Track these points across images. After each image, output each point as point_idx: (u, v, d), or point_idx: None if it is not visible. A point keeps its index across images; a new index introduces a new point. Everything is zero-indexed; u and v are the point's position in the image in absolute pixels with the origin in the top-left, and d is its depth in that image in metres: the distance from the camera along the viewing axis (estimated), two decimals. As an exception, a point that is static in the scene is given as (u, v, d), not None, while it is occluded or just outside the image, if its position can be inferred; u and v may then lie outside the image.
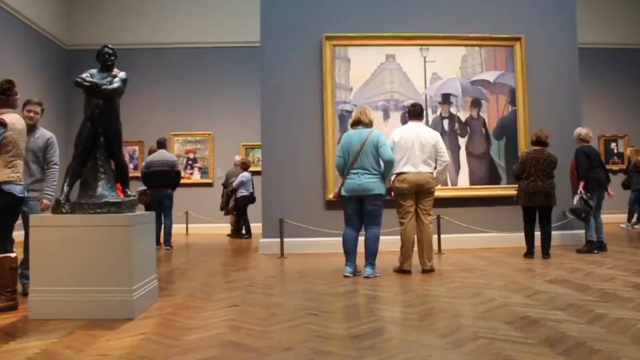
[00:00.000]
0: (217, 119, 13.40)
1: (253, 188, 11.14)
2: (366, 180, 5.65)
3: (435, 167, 6.11)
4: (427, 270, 5.95)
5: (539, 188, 7.00)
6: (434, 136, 6.13)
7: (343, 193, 5.76)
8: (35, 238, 4.06)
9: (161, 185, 9.16)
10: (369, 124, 5.84)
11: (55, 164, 5.20)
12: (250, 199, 11.11)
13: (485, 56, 8.67)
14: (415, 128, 6.12)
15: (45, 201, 5.04)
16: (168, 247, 9.26)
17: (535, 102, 8.61)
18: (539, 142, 7.19)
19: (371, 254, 5.75)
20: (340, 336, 3.42)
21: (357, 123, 5.87)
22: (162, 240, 9.31)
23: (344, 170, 5.78)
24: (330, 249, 7.79)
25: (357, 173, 5.68)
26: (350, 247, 5.80)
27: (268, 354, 3.07)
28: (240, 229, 11.28)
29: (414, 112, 6.26)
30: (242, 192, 10.97)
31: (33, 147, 5.06)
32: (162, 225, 9.29)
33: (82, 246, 4.00)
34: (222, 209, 11.59)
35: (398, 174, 5.98)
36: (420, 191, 5.97)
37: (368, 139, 5.68)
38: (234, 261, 7.45)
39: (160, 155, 9.33)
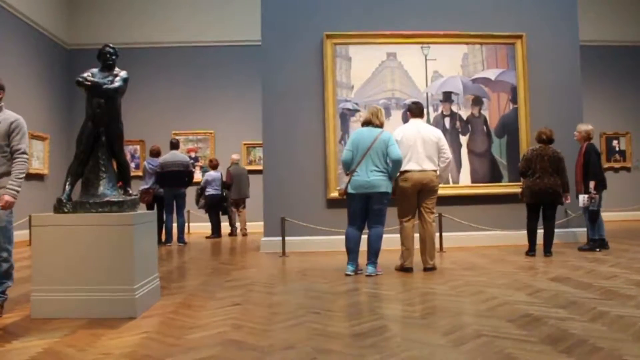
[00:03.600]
0: (218, 118, 13.41)
1: (222, 187, 11.20)
2: (375, 178, 5.59)
3: (438, 165, 6.10)
4: (429, 269, 5.94)
5: (545, 185, 6.87)
6: (437, 133, 6.12)
7: (350, 190, 5.67)
8: (37, 237, 4.07)
9: (176, 185, 9.57)
10: (379, 126, 5.79)
11: (23, 152, 4.25)
12: (221, 197, 11.10)
13: (487, 54, 8.66)
14: (417, 126, 6.10)
15: (5, 197, 4.07)
16: (181, 244, 9.66)
17: (536, 99, 8.61)
18: (543, 139, 7.07)
19: (374, 253, 5.74)
20: (342, 334, 3.42)
21: (368, 123, 5.83)
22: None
23: (351, 165, 5.70)
24: (332, 248, 7.81)
25: (364, 170, 5.62)
26: (353, 246, 5.78)
27: (270, 353, 3.07)
28: (215, 228, 11.18)
29: (416, 110, 6.26)
30: (210, 191, 10.97)
31: None
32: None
33: (84, 245, 4.00)
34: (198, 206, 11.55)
35: (401, 172, 5.91)
36: (423, 190, 5.95)
37: (379, 137, 5.65)
38: (235, 260, 7.45)
39: (173, 156, 9.70)
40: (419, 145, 5.94)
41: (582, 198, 7.29)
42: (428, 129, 6.15)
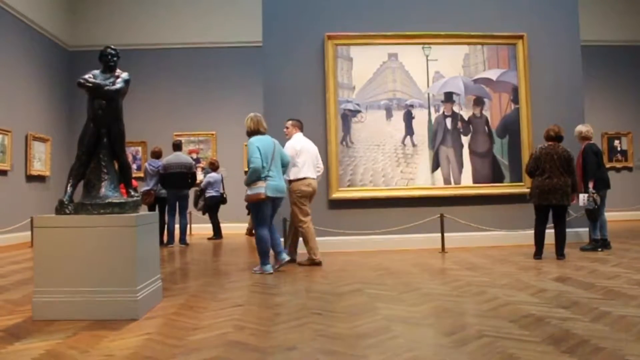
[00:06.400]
0: (220, 119, 13.41)
1: (224, 189, 11.18)
2: (283, 183, 6.28)
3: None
4: (319, 262, 6.64)
5: (554, 185, 6.60)
6: (315, 147, 7.02)
7: (268, 194, 5.97)
8: (39, 239, 4.07)
9: (179, 186, 9.54)
10: (265, 132, 6.29)
11: None
12: (221, 199, 11.08)
13: (488, 54, 8.66)
14: (305, 139, 6.93)
15: None
16: (183, 245, 9.64)
17: (537, 100, 8.60)
18: (552, 137, 6.84)
19: (281, 243, 6.44)
20: (345, 335, 3.42)
21: (256, 131, 6.22)
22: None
23: (262, 172, 5.99)
24: (334, 249, 7.82)
25: (275, 176, 6.12)
26: (269, 247, 6.16)
27: (272, 354, 3.07)
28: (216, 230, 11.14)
29: (300, 125, 7.06)
30: (211, 193, 10.92)
31: None
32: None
33: (85, 247, 4.00)
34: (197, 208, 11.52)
35: (303, 179, 6.67)
36: (313, 194, 6.83)
37: (275, 144, 6.23)
38: (237, 261, 7.44)
39: (177, 157, 9.65)
40: (309, 156, 6.80)
41: (582, 197, 7.23)
42: (310, 142, 6.98)
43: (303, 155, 6.71)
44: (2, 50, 10.49)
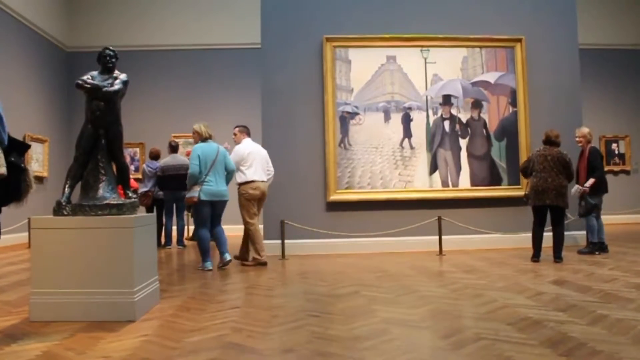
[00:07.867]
0: (218, 121, 13.36)
1: None
2: (222, 188, 6.64)
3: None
4: (265, 262, 6.91)
5: (548, 186, 6.64)
6: (265, 151, 7.29)
7: (203, 198, 6.44)
8: (37, 240, 4.06)
9: (176, 188, 9.44)
10: (210, 139, 6.75)
11: None
12: None
13: (486, 57, 8.68)
14: (253, 144, 7.20)
15: None
16: (181, 246, 9.69)
17: (536, 103, 8.62)
18: (548, 140, 6.91)
19: (226, 244, 6.74)
20: (342, 337, 3.42)
21: (208, 138, 6.73)
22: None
23: (199, 178, 6.46)
24: (332, 250, 7.83)
25: (214, 181, 6.53)
26: (209, 246, 6.64)
27: (269, 356, 3.07)
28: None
29: (248, 131, 7.38)
30: None
31: None
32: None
33: (83, 248, 4.00)
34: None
35: (250, 182, 6.93)
36: (262, 197, 7.09)
37: (219, 151, 6.64)
38: (234, 262, 7.43)
39: (174, 159, 9.63)
40: (258, 160, 7.05)
41: (576, 188, 7.28)
42: (259, 146, 7.30)
43: (249, 160, 6.99)
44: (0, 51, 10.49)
